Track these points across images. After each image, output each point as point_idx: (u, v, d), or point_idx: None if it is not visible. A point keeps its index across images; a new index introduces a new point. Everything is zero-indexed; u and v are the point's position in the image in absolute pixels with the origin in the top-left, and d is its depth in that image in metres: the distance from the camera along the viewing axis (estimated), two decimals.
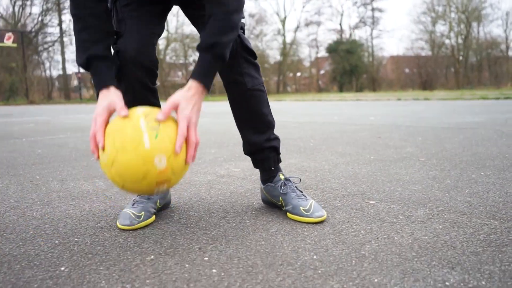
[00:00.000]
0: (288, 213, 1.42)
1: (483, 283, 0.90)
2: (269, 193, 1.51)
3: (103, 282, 0.98)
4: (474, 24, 37.79)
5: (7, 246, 1.23)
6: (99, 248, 1.19)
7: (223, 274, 1.00)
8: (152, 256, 1.12)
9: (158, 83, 1.48)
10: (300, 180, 1.63)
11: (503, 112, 6.31)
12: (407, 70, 40.14)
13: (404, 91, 32.87)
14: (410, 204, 1.53)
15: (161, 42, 33.36)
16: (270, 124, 1.50)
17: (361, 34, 53.93)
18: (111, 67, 1.22)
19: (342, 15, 41.07)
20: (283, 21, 40.17)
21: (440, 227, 1.27)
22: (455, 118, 5.32)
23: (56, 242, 1.25)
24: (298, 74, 43.90)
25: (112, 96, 1.16)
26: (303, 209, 1.38)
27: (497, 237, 1.16)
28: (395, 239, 1.18)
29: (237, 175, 2.14)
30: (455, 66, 37.49)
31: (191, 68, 35.85)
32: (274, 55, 42.10)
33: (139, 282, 0.97)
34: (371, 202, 1.57)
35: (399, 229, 1.26)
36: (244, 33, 1.46)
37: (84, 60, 1.20)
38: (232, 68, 1.40)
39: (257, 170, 1.58)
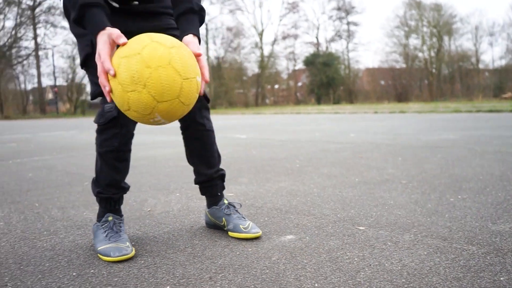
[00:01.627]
0: (229, 232, 1.66)
1: None
2: (213, 215, 1.73)
3: None
4: (446, 38, 39.03)
5: (28, 279, 1.31)
6: (116, 279, 1.29)
7: None
8: (168, 287, 1.22)
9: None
10: (241, 205, 1.84)
11: (476, 128, 6.60)
12: (382, 82, 41.01)
13: (380, 103, 33.58)
14: (396, 229, 1.67)
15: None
16: (219, 159, 1.76)
17: (337, 47, 54.84)
18: (103, 12, 1.25)
19: (318, 28, 41.92)
20: (260, 34, 40.63)
21: (425, 253, 1.41)
22: (431, 135, 5.56)
23: (74, 274, 1.34)
24: (276, 86, 44.35)
25: (108, 30, 1.20)
26: (242, 227, 1.64)
27: (475, 263, 1.31)
28: (385, 265, 1.32)
29: (231, 200, 2.25)
30: (429, 78, 38.55)
31: None
32: (252, 68, 42.51)
33: None
34: (361, 228, 1.71)
35: (388, 255, 1.40)
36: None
37: (78, 11, 1.23)
38: (195, 113, 1.62)
39: (255, 196, 1.76)
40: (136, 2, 1.52)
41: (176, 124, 1.67)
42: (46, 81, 37.59)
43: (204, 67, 1.26)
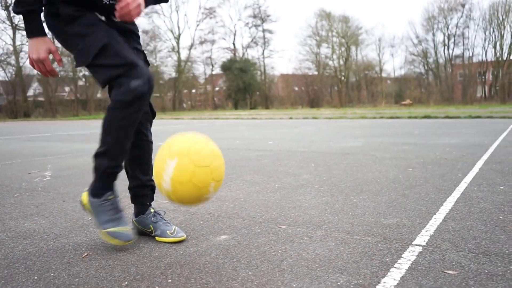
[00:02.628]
0: (156, 237, 1.90)
1: (360, 281, 1.41)
2: (141, 223, 1.96)
3: None
4: (353, 48, 41.85)
5: None
6: (77, 280, 1.49)
7: None
8: (126, 283, 1.45)
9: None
10: (165, 212, 2.07)
11: (378, 135, 7.39)
12: (296, 88, 42.83)
13: (294, 108, 35.09)
14: (311, 226, 2.03)
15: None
16: (152, 170, 1.94)
17: (253, 54, 56.28)
18: (40, 18, 1.65)
19: (235, 34, 42.65)
20: (177, 39, 40.42)
21: (333, 244, 1.78)
22: (341, 142, 6.17)
23: (35, 278, 1.51)
24: (194, 90, 44.33)
25: (50, 44, 1.66)
26: (169, 232, 1.87)
27: (370, 249, 1.70)
28: (303, 255, 1.66)
29: (167, 207, 2.48)
30: (338, 85, 41.02)
31: (80, 82, 34.29)
32: (169, 72, 42.04)
33: None
34: (282, 227, 2.05)
35: (305, 247, 1.75)
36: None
37: (25, 11, 1.61)
38: (141, 125, 1.89)
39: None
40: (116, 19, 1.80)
41: (95, 131, 1.89)
42: None
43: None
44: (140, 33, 1.98)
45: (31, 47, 1.66)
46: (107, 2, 1.72)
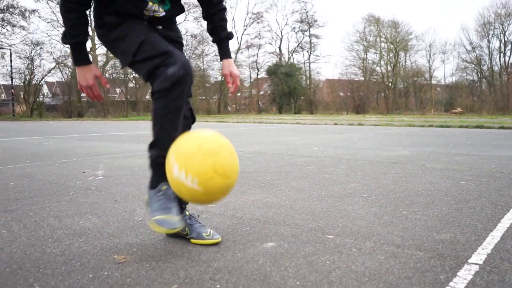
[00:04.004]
0: (192, 240, 1.92)
1: None
2: None
3: None
4: (402, 54, 40.83)
5: (51, 280, 1.53)
6: (129, 280, 1.53)
7: None
8: (176, 286, 1.48)
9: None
10: (199, 215, 2.09)
11: (427, 144, 7.16)
12: (341, 94, 42.28)
13: (339, 114, 34.64)
14: (359, 238, 1.99)
15: (100, 59, 32.76)
16: None
17: (299, 58, 56.11)
18: (85, 48, 1.78)
19: (281, 39, 42.60)
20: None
21: (383, 257, 1.73)
22: (388, 151, 6.02)
23: (90, 276, 1.57)
24: (238, 94, 44.74)
25: (95, 70, 1.79)
26: (205, 235, 1.91)
27: (422, 265, 1.64)
28: (352, 267, 1.63)
29: (214, 211, 2.51)
30: (385, 92, 40.10)
31: (131, 84, 35.46)
32: (215, 75, 42.64)
33: None
34: (330, 236, 2.02)
35: (354, 259, 1.71)
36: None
37: (73, 42, 1.74)
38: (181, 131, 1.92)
39: (234, 207, 2.13)
40: (160, 27, 1.90)
41: (143, 132, 1.93)
42: (2, 82, 36.14)
43: (236, 77, 1.99)
44: (188, 37, 2.11)
45: (79, 74, 1.79)
46: (151, 15, 1.82)
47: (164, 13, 1.85)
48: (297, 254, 1.78)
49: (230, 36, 2.00)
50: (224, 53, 2.01)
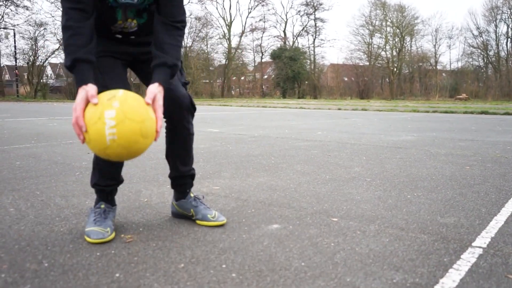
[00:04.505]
0: (197, 221, 1.95)
1: (417, 280, 1.38)
2: (181, 207, 2.01)
3: (155, 284, 1.34)
4: (407, 39, 40.42)
5: (59, 257, 1.55)
6: (136, 258, 1.55)
7: (241, 277, 1.40)
8: (182, 265, 1.50)
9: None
10: (203, 196, 2.11)
11: (431, 129, 7.14)
12: (345, 79, 42.03)
13: (343, 99, 34.51)
14: (364, 221, 2.00)
15: None
16: (192, 160, 2.04)
17: (303, 42, 55.65)
18: (91, 68, 1.58)
19: (286, 23, 42.28)
20: (228, 26, 40.64)
21: (387, 240, 1.75)
22: (392, 136, 6.01)
23: (98, 254, 1.59)
24: (242, 78, 44.57)
25: (88, 88, 1.51)
26: (210, 217, 1.93)
27: (426, 248, 1.66)
28: (356, 249, 1.64)
29: (219, 193, 2.53)
30: (390, 77, 39.83)
31: None
32: (219, 59, 42.46)
33: (182, 284, 1.35)
34: (334, 219, 2.03)
35: (358, 242, 1.73)
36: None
37: (70, 63, 1.55)
38: (183, 117, 1.90)
39: (239, 190, 2.18)
40: (133, 37, 1.87)
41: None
42: (5, 62, 36.04)
43: (156, 110, 1.58)
44: (193, 20, 2.05)
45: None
46: (119, 30, 1.81)
47: (136, 28, 1.82)
48: (302, 236, 1.80)
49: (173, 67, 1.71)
50: (154, 77, 1.68)
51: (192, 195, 2.02)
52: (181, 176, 2.00)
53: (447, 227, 1.92)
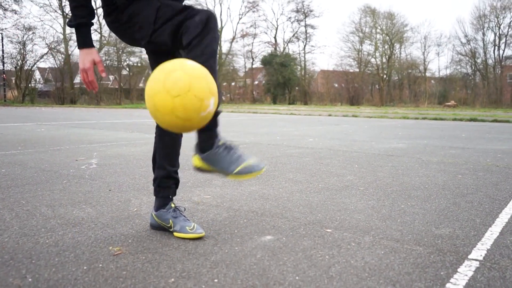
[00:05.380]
0: (175, 233, 1.89)
1: None
2: (160, 217, 1.95)
3: None
4: (397, 46, 40.76)
5: (43, 272, 1.49)
6: (124, 273, 1.49)
7: None
8: (173, 279, 1.45)
9: None
10: (185, 209, 2.06)
11: (422, 136, 7.16)
12: (336, 85, 42.19)
13: (333, 105, 34.63)
14: (358, 232, 1.97)
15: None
16: (179, 163, 2.01)
17: (294, 48, 55.87)
18: (90, 31, 1.75)
19: (277, 29, 42.30)
20: (219, 32, 40.60)
21: (382, 252, 1.71)
22: (383, 143, 6.01)
23: (85, 268, 1.53)
24: (233, 83, 44.55)
25: (95, 55, 1.73)
26: (188, 228, 1.87)
27: (422, 261, 1.62)
28: (351, 262, 1.60)
29: (210, 202, 2.48)
30: (380, 83, 40.08)
31: (124, 72, 35.19)
32: None
33: None
34: (328, 230, 2.00)
35: (353, 254, 1.69)
36: None
37: (74, 24, 1.71)
38: None
39: (231, 199, 2.10)
40: None
41: (138, 120, 1.88)
42: None
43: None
44: None
45: (80, 57, 1.75)
46: None
47: None
48: (296, 248, 1.76)
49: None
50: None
51: (172, 205, 1.96)
52: (167, 176, 1.94)
53: (442, 238, 1.89)
